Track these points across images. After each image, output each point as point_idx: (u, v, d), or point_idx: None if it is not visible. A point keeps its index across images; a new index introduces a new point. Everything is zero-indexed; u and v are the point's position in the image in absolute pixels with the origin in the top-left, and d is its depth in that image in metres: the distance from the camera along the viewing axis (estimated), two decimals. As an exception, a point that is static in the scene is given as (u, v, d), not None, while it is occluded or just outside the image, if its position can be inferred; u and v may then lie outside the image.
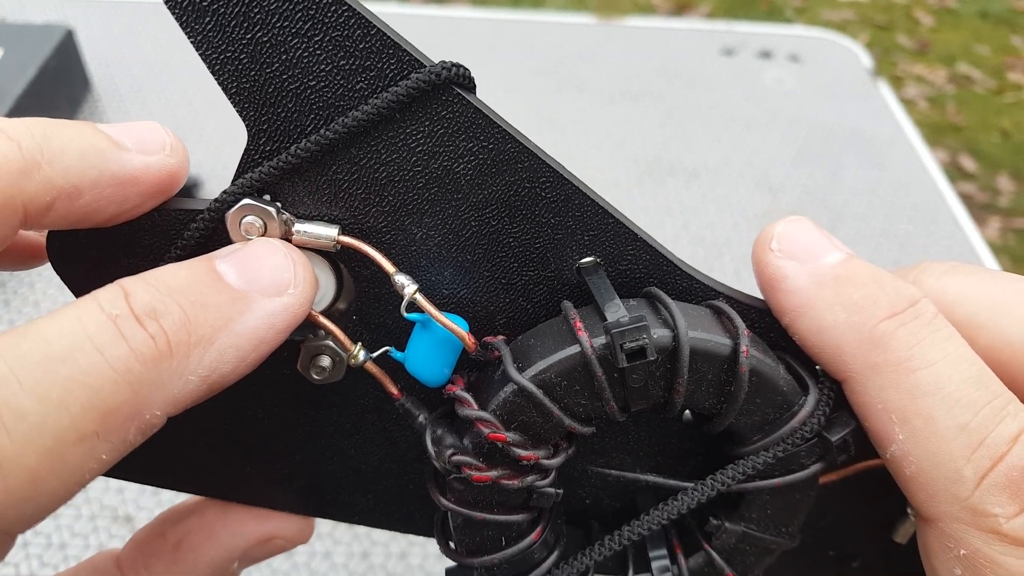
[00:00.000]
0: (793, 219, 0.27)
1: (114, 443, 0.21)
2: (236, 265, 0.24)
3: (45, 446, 0.19)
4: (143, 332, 0.21)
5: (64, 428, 0.19)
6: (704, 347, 0.25)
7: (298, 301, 0.24)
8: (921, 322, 0.25)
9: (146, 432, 0.22)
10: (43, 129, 0.23)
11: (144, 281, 0.22)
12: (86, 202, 0.24)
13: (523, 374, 0.25)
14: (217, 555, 0.31)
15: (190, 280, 0.23)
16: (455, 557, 0.29)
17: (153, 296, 0.22)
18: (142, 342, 0.21)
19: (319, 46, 0.24)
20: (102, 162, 0.24)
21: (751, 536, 0.29)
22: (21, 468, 0.19)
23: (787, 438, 0.27)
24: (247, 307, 0.23)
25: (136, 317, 0.21)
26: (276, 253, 0.25)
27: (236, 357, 0.23)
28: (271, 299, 0.24)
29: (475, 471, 0.26)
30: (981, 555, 0.23)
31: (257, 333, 0.23)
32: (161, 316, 0.22)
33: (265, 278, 0.24)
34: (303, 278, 0.25)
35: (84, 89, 0.94)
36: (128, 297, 0.22)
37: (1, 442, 0.19)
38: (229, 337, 0.23)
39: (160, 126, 0.26)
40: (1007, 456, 0.23)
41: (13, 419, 0.19)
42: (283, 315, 0.24)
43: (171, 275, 0.23)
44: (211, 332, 0.22)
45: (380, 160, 0.26)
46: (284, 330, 0.24)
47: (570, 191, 0.27)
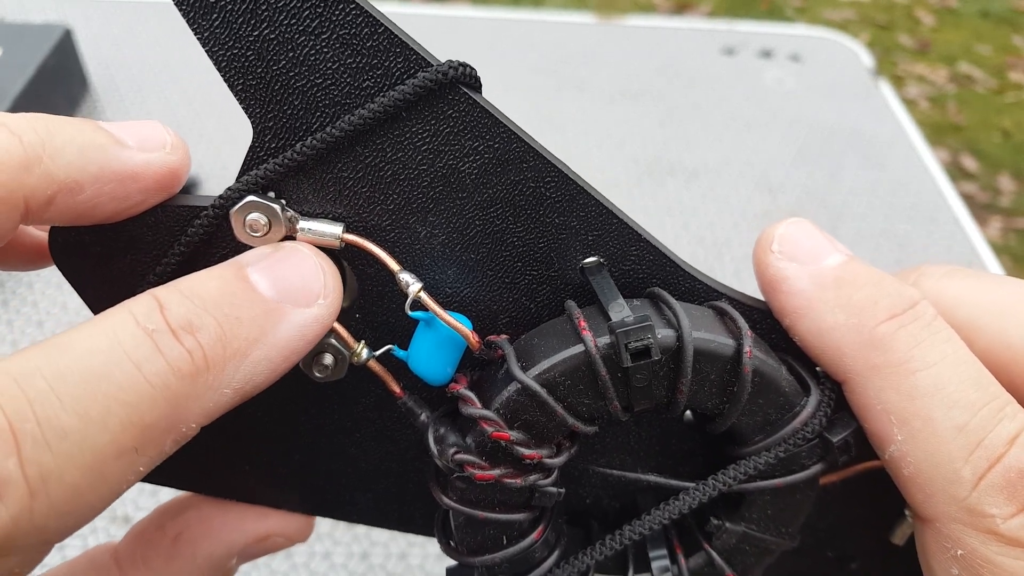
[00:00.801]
0: (794, 221, 0.28)
1: (151, 456, 0.21)
2: (268, 274, 0.24)
3: (86, 463, 0.19)
4: (180, 347, 0.21)
5: (104, 445, 0.20)
6: (708, 347, 0.26)
7: (327, 312, 0.25)
8: (920, 324, 0.25)
9: (180, 443, 0.22)
10: (45, 124, 0.23)
11: (179, 292, 0.22)
12: (87, 197, 0.24)
13: (527, 373, 0.25)
14: (215, 550, 0.31)
15: (224, 291, 0.23)
16: (456, 556, 0.29)
17: (188, 309, 0.22)
18: (179, 357, 0.21)
19: (326, 44, 0.24)
20: (103, 158, 0.24)
21: (751, 536, 0.29)
22: (63, 485, 0.19)
23: (788, 439, 0.27)
24: (280, 319, 0.23)
25: (172, 331, 0.21)
26: (307, 261, 0.25)
27: (268, 368, 0.23)
28: (302, 310, 0.24)
29: (478, 470, 0.26)
30: (978, 555, 0.23)
31: (289, 344, 0.24)
32: (197, 330, 0.22)
33: (297, 288, 0.24)
34: (332, 287, 0.25)
35: (82, 89, 0.94)
36: (163, 310, 0.22)
37: (44, 459, 0.19)
38: (262, 349, 0.23)
39: (161, 125, 0.26)
40: (1005, 457, 0.23)
41: (55, 437, 0.19)
42: (314, 326, 0.24)
43: (204, 286, 0.23)
44: (245, 345, 0.22)
45: (385, 158, 0.26)
46: (313, 340, 0.24)
47: (574, 191, 0.27)
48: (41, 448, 0.19)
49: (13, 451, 0.19)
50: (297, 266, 0.25)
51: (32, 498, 0.19)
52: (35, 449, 0.19)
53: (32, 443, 0.19)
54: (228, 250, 0.27)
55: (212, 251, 0.27)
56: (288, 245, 0.25)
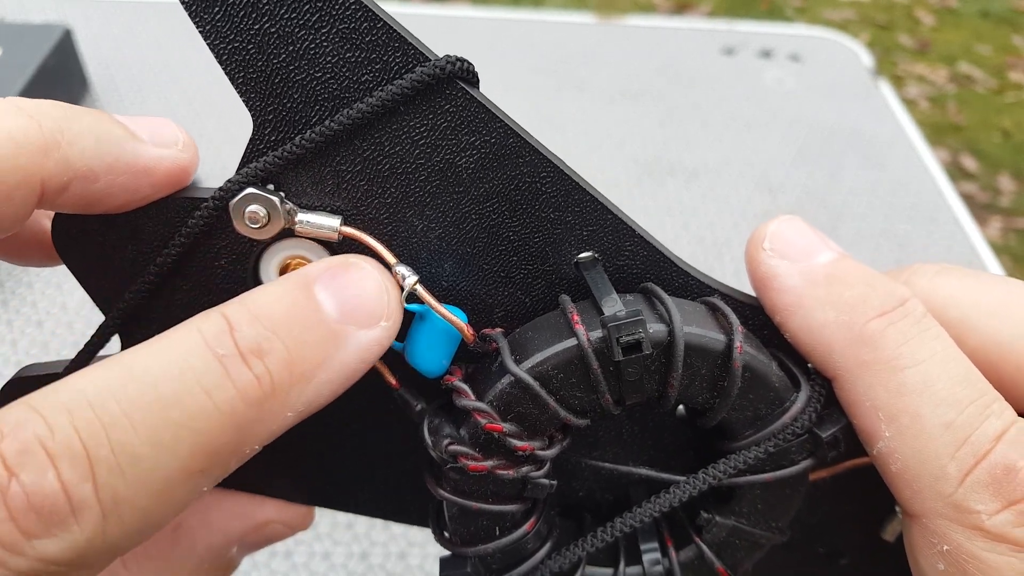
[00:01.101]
0: (786, 218, 0.28)
1: (216, 476, 0.22)
2: (335, 293, 0.24)
3: (156, 488, 0.20)
4: (249, 373, 0.21)
5: (174, 470, 0.20)
6: (699, 342, 0.26)
7: (388, 334, 0.25)
8: (910, 321, 0.25)
9: (242, 462, 0.22)
10: (63, 111, 0.23)
11: (248, 313, 0.22)
12: (100, 187, 0.24)
13: (520, 366, 0.26)
14: (215, 539, 0.31)
15: (292, 312, 0.23)
16: (449, 546, 0.29)
17: (258, 332, 0.22)
18: (248, 383, 0.21)
19: (326, 38, 0.25)
20: (118, 149, 0.24)
21: (741, 530, 0.29)
22: (135, 508, 0.20)
23: (778, 433, 0.27)
24: (344, 342, 0.23)
25: (242, 356, 0.21)
26: (371, 281, 0.25)
27: (330, 391, 0.23)
28: (366, 332, 0.24)
29: (471, 461, 0.26)
30: (964, 551, 0.23)
31: (351, 367, 0.24)
32: (266, 355, 0.22)
33: (362, 309, 0.24)
34: (394, 308, 0.25)
35: (82, 89, 0.94)
36: (233, 331, 0.22)
37: (117, 485, 0.19)
38: (326, 373, 0.23)
39: (172, 123, 0.26)
40: (991, 454, 0.23)
41: (128, 463, 0.20)
42: (374, 348, 0.24)
43: (273, 305, 0.23)
44: (311, 369, 0.23)
45: (383, 152, 0.26)
46: (372, 361, 0.24)
47: (570, 187, 0.27)
48: (115, 474, 0.19)
49: (88, 476, 0.19)
50: (363, 285, 0.25)
51: (104, 521, 0.19)
52: (109, 475, 0.19)
53: (107, 469, 0.19)
54: (228, 242, 0.27)
55: (212, 242, 0.27)
56: (354, 261, 0.25)
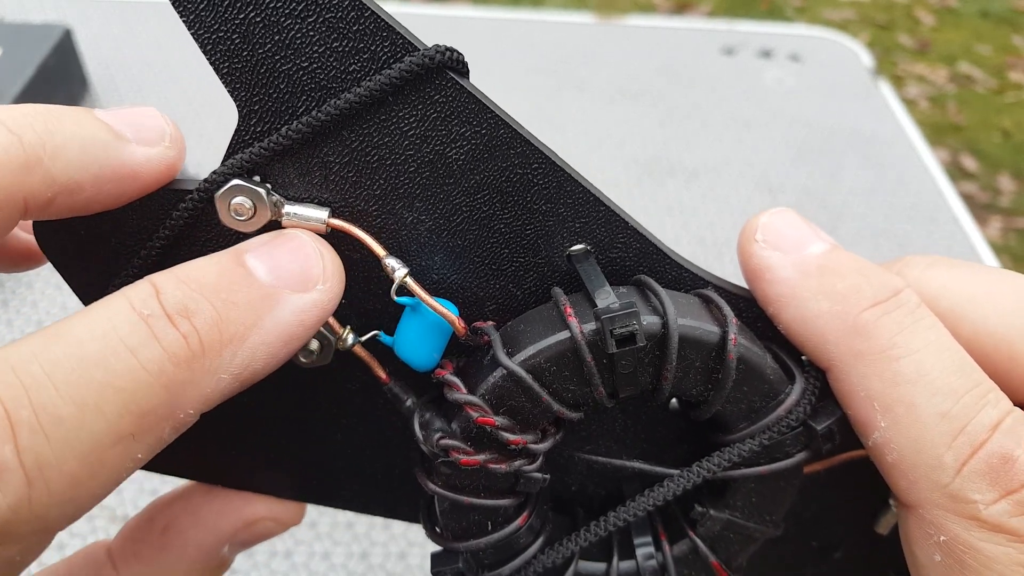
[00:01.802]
0: (778, 211, 0.28)
1: (150, 443, 0.21)
2: (265, 259, 0.24)
3: (83, 451, 0.19)
4: (175, 332, 0.21)
5: (101, 432, 0.20)
6: (693, 334, 0.26)
7: (327, 297, 0.24)
8: (904, 311, 0.25)
9: (179, 430, 0.22)
10: (44, 121, 0.22)
11: (175, 277, 0.22)
12: (86, 196, 0.24)
13: (513, 359, 0.25)
14: (205, 538, 0.31)
15: (220, 276, 0.23)
16: (440, 541, 0.29)
17: (184, 294, 0.22)
18: (175, 342, 0.21)
19: (312, 27, 0.24)
20: (104, 156, 0.24)
21: (735, 524, 0.29)
22: (62, 473, 0.19)
23: (773, 426, 0.27)
24: (276, 303, 0.23)
25: (168, 316, 0.21)
26: (305, 247, 0.25)
27: (267, 354, 0.23)
28: (300, 295, 0.24)
29: (463, 455, 0.26)
30: (960, 541, 0.23)
31: (288, 329, 0.23)
32: (193, 315, 0.22)
33: (294, 273, 0.24)
34: (332, 272, 0.25)
35: (82, 89, 0.94)
36: (159, 295, 0.22)
37: (41, 448, 0.19)
38: (259, 334, 0.23)
39: (158, 112, 0.26)
40: (987, 443, 0.23)
41: (52, 425, 0.19)
42: (313, 311, 0.24)
43: (201, 271, 0.23)
44: (242, 330, 0.22)
45: (372, 143, 0.26)
46: (313, 326, 0.24)
47: (562, 178, 0.27)
48: (37, 436, 0.19)
49: (9, 438, 0.19)
50: (295, 251, 0.24)
51: (30, 486, 0.19)
52: (31, 437, 0.19)
53: (28, 431, 0.19)
54: (213, 234, 0.27)
55: (197, 235, 0.27)
56: (288, 231, 0.25)
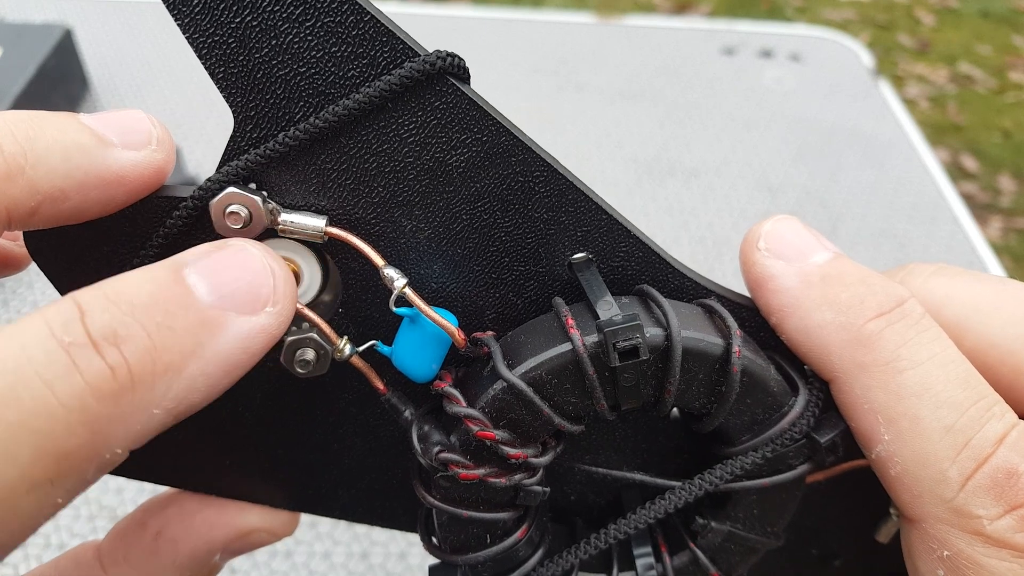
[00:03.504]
0: (781, 218, 0.27)
1: (69, 487, 0.19)
2: (208, 276, 0.21)
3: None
4: (101, 362, 0.18)
5: (13, 479, 0.17)
6: (697, 347, 0.25)
7: (276, 321, 0.22)
8: (908, 322, 0.25)
9: (105, 470, 0.20)
10: (26, 130, 0.22)
11: (103, 296, 0.20)
12: (72, 205, 0.23)
13: (513, 371, 0.25)
14: (196, 546, 0.31)
15: (155, 295, 0.20)
16: (439, 554, 0.29)
17: (113, 316, 0.19)
18: (99, 374, 0.18)
19: (310, 31, 0.24)
20: (88, 162, 0.22)
21: (737, 536, 0.29)
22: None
23: (776, 439, 0.27)
24: (220, 329, 0.21)
25: (93, 343, 0.19)
26: (253, 261, 0.22)
27: (206, 385, 0.21)
28: (246, 318, 0.21)
29: (462, 469, 0.26)
30: (964, 556, 0.23)
31: (231, 358, 0.21)
32: (122, 341, 0.19)
33: (240, 293, 0.21)
34: (283, 292, 0.22)
35: (83, 89, 0.94)
36: (84, 317, 0.19)
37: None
38: (198, 363, 0.20)
39: (145, 115, 0.25)
40: (992, 458, 0.23)
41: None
42: (259, 337, 0.22)
43: (134, 288, 0.20)
44: (179, 359, 0.20)
45: (370, 150, 0.25)
46: (259, 353, 0.22)
47: (564, 186, 0.26)
48: None
49: None
50: (242, 267, 0.22)
51: None
52: None
53: None
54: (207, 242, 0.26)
55: (191, 243, 0.26)
56: (234, 242, 0.23)
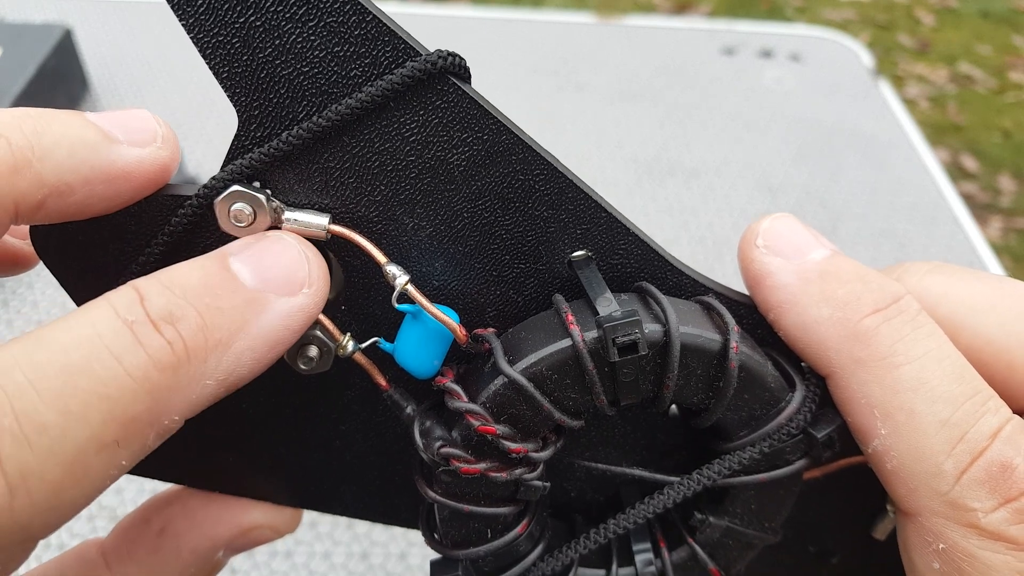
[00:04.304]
0: (778, 216, 0.28)
1: (134, 450, 0.21)
2: (250, 263, 0.24)
3: (67, 459, 0.19)
4: (160, 338, 0.21)
5: (85, 440, 0.19)
6: (694, 343, 0.26)
7: (313, 301, 0.24)
8: (904, 318, 0.25)
9: (164, 436, 0.22)
10: (32, 124, 0.22)
11: (159, 283, 0.22)
12: (77, 199, 0.23)
13: (514, 367, 0.25)
14: (200, 543, 0.31)
15: (204, 281, 0.23)
16: (440, 549, 0.29)
17: (169, 299, 0.22)
18: (159, 348, 0.21)
19: (313, 31, 0.24)
20: (93, 157, 0.23)
21: (735, 531, 0.29)
22: (44, 481, 0.19)
23: (773, 434, 0.27)
24: (263, 308, 0.23)
25: (152, 322, 0.21)
26: (290, 250, 0.24)
27: (252, 359, 0.23)
28: (286, 299, 0.24)
29: (463, 463, 0.26)
30: (959, 549, 0.23)
31: (273, 334, 0.23)
32: (177, 321, 0.21)
33: (280, 277, 0.24)
34: (317, 276, 0.25)
35: (83, 89, 0.94)
36: (143, 301, 0.21)
37: (24, 456, 0.18)
38: (245, 339, 0.22)
39: (150, 114, 0.25)
40: (987, 451, 0.23)
41: (35, 432, 0.19)
42: (299, 315, 0.24)
43: (185, 276, 0.23)
44: (228, 335, 0.22)
45: (373, 149, 0.26)
46: (299, 330, 0.24)
47: (564, 184, 0.26)
48: (20, 444, 0.18)
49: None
50: (280, 254, 0.24)
51: (12, 496, 0.18)
52: (14, 445, 0.18)
53: (11, 439, 0.18)
54: (212, 240, 0.27)
55: (196, 241, 0.27)
56: (272, 234, 0.25)
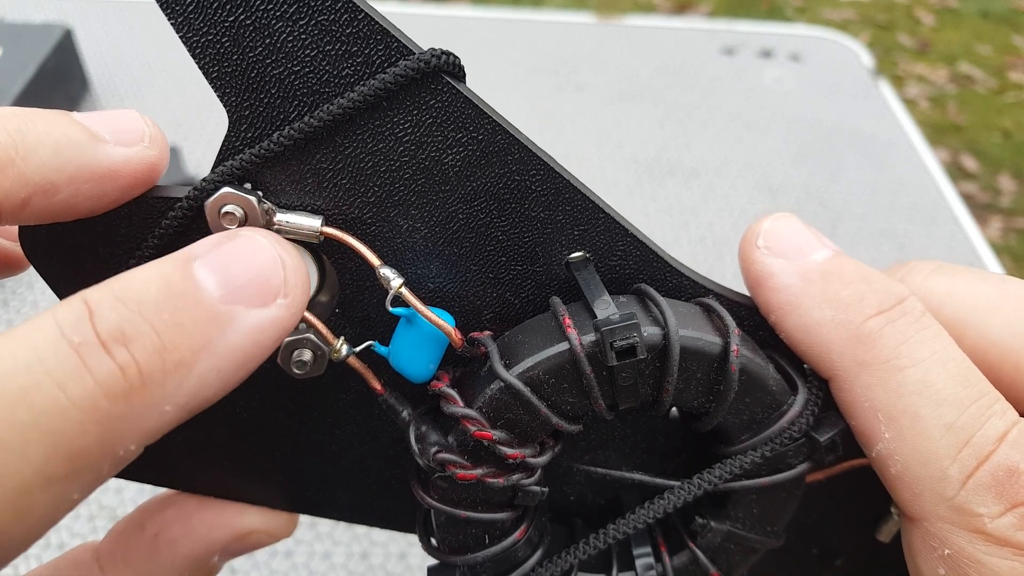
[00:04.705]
0: (780, 216, 0.27)
1: (85, 483, 0.19)
2: (217, 270, 0.21)
3: (7, 497, 0.17)
4: (110, 362, 0.19)
5: (28, 476, 0.18)
6: (694, 346, 0.25)
7: (288, 313, 0.22)
8: (908, 320, 0.25)
9: (120, 466, 0.20)
10: (17, 123, 0.22)
11: (111, 295, 0.20)
12: (63, 198, 0.23)
13: (510, 371, 0.25)
14: (195, 548, 0.31)
15: (164, 292, 0.20)
16: (437, 555, 0.28)
17: (121, 315, 0.19)
18: (109, 374, 0.18)
19: (304, 30, 0.24)
20: (79, 156, 0.22)
21: (736, 535, 0.29)
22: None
23: (775, 438, 0.27)
24: (230, 323, 0.20)
25: (102, 343, 0.19)
26: (263, 252, 0.22)
27: (218, 380, 0.20)
28: (257, 311, 0.21)
29: (460, 469, 0.26)
30: (965, 555, 0.23)
31: (242, 352, 0.21)
32: (130, 340, 0.19)
33: (250, 285, 0.21)
34: (294, 283, 0.22)
35: (83, 89, 0.94)
36: (92, 317, 0.19)
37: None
38: (210, 359, 0.20)
39: (138, 114, 0.25)
40: (993, 455, 0.23)
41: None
42: (271, 330, 0.21)
43: (142, 286, 0.20)
44: (189, 356, 0.20)
45: (366, 149, 0.25)
46: (271, 346, 0.22)
47: (560, 185, 0.26)
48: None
49: None
50: (252, 258, 0.22)
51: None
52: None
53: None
54: None
55: (187, 244, 0.26)
56: (243, 233, 0.23)
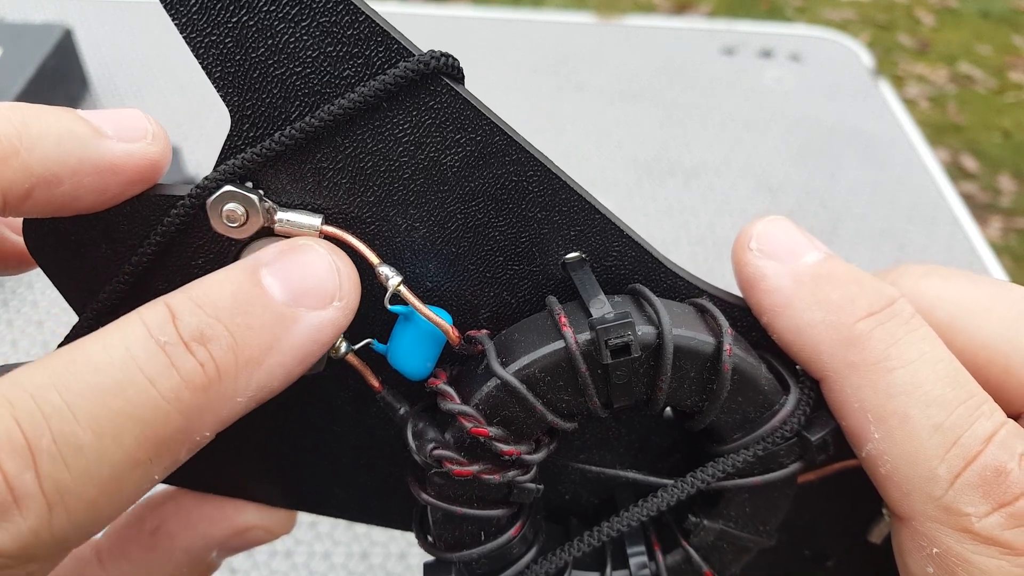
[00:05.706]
0: (772, 219, 0.28)
1: (166, 465, 0.21)
2: (282, 277, 0.23)
3: (103, 478, 0.20)
4: (192, 359, 0.21)
5: (119, 459, 0.20)
6: (688, 345, 0.26)
7: (343, 314, 0.24)
8: (898, 321, 0.25)
9: (195, 450, 0.22)
10: (21, 115, 0.22)
11: (190, 300, 0.22)
12: (66, 190, 0.23)
13: (507, 369, 0.25)
14: (193, 543, 0.31)
15: (236, 297, 0.23)
16: (433, 551, 0.29)
17: (200, 319, 0.22)
18: (192, 370, 0.21)
19: (306, 31, 0.24)
20: (82, 149, 0.23)
21: (729, 534, 0.29)
22: (80, 499, 0.20)
23: (767, 437, 0.27)
24: (293, 324, 0.23)
25: (185, 343, 0.21)
26: (321, 261, 0.24)
27: (283, 374, 0.23)
28: (317, 313, 0.24)
29: (456, 465, 0.26)
30: (953, 554, 0.23)
31: (303, 349, 0.23)
32: (209, 341, 0.22)
33: (311, 291, 0.24)
34: (348, 288, 0.25)
35: (83, 89, 0.94)
36: (175, 320, 0.22)
37: (61, 475, 0.19)
38: (276, 356, 0.23)
39: (142, 113, 0.25)
40: (981, 456, 0.23)
41: (71, 453, 0.19)
42: (328, 329, 0.24)
43: (216, 292, 0.23)
44: (259, 353, 0.22)
45: (366, 149, 0.26)
46: (328, 343, 0.24)
47: (557, 186, 0.26)
48: (57, 463, 0.19)
49: (30, 465, 0.19)
50: (311, 266, 0.24)
51: (50, 511, 0.19)
52: (51, 464, 0.19)
53: (48, 458, 0.19)
54: (205, 240, 0.27)
55: (189, 241, 0.27)
56: (303, 243, 0.25)
